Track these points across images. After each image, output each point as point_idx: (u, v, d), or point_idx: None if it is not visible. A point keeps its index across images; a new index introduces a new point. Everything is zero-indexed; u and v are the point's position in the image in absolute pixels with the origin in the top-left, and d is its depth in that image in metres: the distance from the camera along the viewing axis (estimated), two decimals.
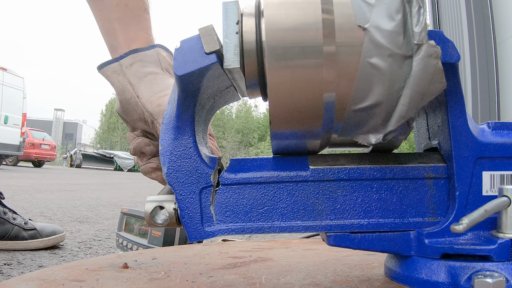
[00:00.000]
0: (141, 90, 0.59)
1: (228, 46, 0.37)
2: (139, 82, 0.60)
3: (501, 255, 0.38)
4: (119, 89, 0.60)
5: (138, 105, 0.59)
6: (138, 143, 0.60)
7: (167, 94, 0.59)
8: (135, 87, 0.59)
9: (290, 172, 0.41)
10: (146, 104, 0.58)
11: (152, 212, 0.42)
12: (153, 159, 0.61)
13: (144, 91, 0.59)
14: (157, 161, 0.59)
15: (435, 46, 0.33)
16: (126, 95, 0.60)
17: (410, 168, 0.42)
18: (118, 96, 0.63)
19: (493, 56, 3.81)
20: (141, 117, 0.59)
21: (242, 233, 0.41)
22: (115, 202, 3.89)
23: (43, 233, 1.54)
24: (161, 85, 0.60)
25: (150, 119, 0.58)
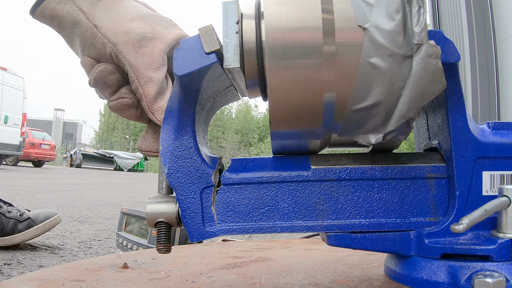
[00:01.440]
0: (98, 17, 0.47)
1: (228, 46, 0.37)
2: (93, 8, 0.47)
3: (501, 255, 0.38)
4: (71, 23, 0.47)
5: (96, 37, 0.46)
6: (100, 71, 0.47)
7: (134, 19, 0.47)
8: (90, 15, 0.47)
9: (291, 172, 0.41)
10: (108, 33, 0.46)
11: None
12: (123, 92, 0.48)
13: (102, 18, 0.47)
14: (128, 94, 0.48)
15: (435, 46, 0.33)
16: (80, 27, 0.47)
17: (411, 168, 0.42)
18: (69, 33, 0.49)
19: (493, 56, 3.81)
20: (101, 52, 0.47)
21: (243, 233, 0.41)
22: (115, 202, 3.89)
23: (38, 219, 1.54)
24: (123, 9, 0.48)
25: (114, 52, 0.46)
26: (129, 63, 0.45)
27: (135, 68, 0.45)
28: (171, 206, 0.41)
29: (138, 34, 0.45)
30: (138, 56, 0.45)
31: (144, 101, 0.45)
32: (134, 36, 0.45)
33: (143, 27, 0.46)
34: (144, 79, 0.45)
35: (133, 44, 0.45)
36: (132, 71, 0.45)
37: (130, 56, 0.45)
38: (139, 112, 0.48)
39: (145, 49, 0.45)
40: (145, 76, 0.45)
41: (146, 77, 0.45)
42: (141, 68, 0.45)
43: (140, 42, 0.45)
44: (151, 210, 0.41)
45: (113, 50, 0.46)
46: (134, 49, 0.45)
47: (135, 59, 0.45)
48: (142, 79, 0.45)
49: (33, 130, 14.97)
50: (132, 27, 0.46)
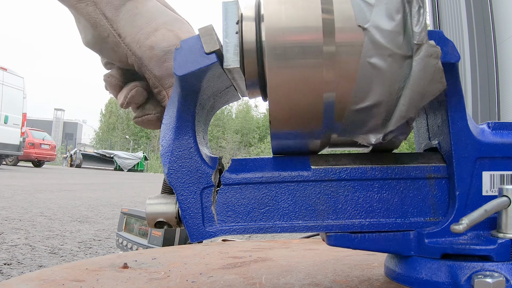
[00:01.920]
0: (122, 26, 0.45)
1: (228, 46, 0.37)
2: (117, 13, 0.45)
3: (501, 255, 0.38)
4: (90, 24, 0.46)
5: (120, 46, 0.45)
6: (132, 96, 0.48)
7: (158, 28, 0.46)
8: (113, 22, 0.45)
9: (291, 172, 0.41)
10: (132, 45, 0.45)
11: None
12: (148, 108, 0.50)
13: (126, 27, 0.45)
14: (152, 109, 0.50)
15: (435, 46, 0.33)
16: (100, 31, 0.46)
17: (411, 168, 0.42)
18: (86, 30, 0.48)
19: (493, 56, 3.81)
20: (123, 60, 0.47)
21: (243, 233, 0.41)
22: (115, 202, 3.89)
23: None
24: (146, 14, 0.47)
25: (137, 65, 0.46)
26: (154, 75, 0.47)
27: (159, 78, 0.47)
28: (171, 206, 0.41)
29: (162, 50, 0.46)
30: (162, 70, 0.46)
31: (167, 101, 0.48)
32: (159, 52, 0.46)
33: (167, 39, 0.46)
34: (168, 85, 0.47)
35: (158, 60, 0.46)
36: (156, 80, 0.47)
37: (155, 70, 0.46)
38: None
39: (169, 63, 0.46)
40: (169, 82, 0.47)
41: (169, 83, 0.47)
42: (165, 78, 0.47)
43: (165, 57, 0.46)
44: (151, 210, 0.41)
45: (136, 61, 0.47)
46: (159, 63, 0.46)
47: (159, 71, 0.47)
48: (166, 84, 0.47)
49: (33, 130, 14.98)
50: (156, 41, 0.46)
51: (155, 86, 0.48)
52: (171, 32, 0.47)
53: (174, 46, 0.45)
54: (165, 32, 0.46)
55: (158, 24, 0.47)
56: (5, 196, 3.84)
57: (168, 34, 0.47)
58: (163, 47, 0.46)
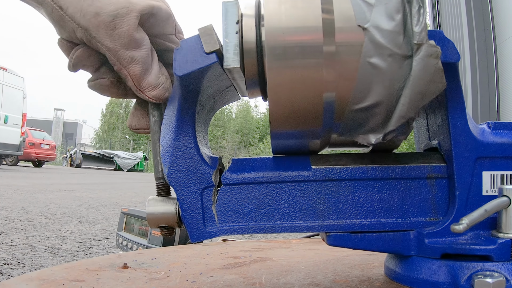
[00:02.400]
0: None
1: (228, 46, 0.37)
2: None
3: (501, 255, 0.38)
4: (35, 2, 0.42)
5: (64, 20, 0.40)
6: (77, 57, 0.43)
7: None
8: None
9: (292, 172, 0.41)
10: (75, 16, 0.40)
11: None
12: (102, 72, 0.44)
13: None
14: (107, 74, 0.44)
15: (435, 46, 0.33)
16: (45, 9, 0.41)
17: (412, 168, 0.42)
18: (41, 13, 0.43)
19: (493, 56, 3.81)
20: (72, 36, 0.42)
21: (244, 233, 0.41)
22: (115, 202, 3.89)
23: None
24: None
25: (86, 37, 0.41)
26: (106, 47, 0.40)
27: (113, 51, 0.40)
28: (171, 207, 0.41)
29: (109, 14, 0.39)
30: (114, 39, 0.40)
31: (131, 81, 0.42)
32: (105, 17, 0.39)
33: (114, 2, 0.40)
34: (126, 60, 0.41)
35: (106, 27, 0.39)
36: (111, 54, 0.41)
37: (105, 40, 0.40)
38: (121, 90, 0.45)
39: (120, 29, 0.40)
40: (126, 57, 0.41)
41: (127, 58, 0.41)
42: (120, 50, 0.40)
43: (114, 23, 0.39)
44: (152, 211, 0.41)
45: (84, 34, 0.40)
46: (108, 31, 0.40)
47: (112, 42, 0.40)
48: (124, 60, 0.41)
49: (33, 130, 14.98)
50: (101, 6, 0.39)
51: (113, 62, 0.41)
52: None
53: (123, 8, 0.40)
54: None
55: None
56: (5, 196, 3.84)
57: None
58: (110, 11, 0.39)
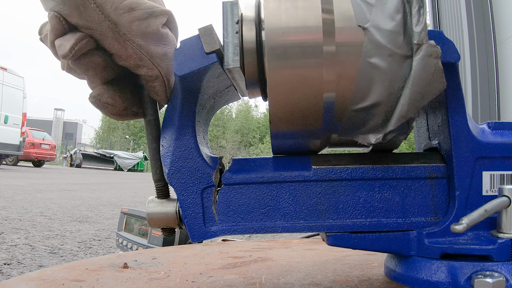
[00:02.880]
0: None
1: (228, 46, 0.37)
2: None
3: (501, 255, 0.38)
4: None
5: (88, 8, 0.34)
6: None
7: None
8: None
9: (292, 172, 0.41)
10: (105, 7, 0.34)
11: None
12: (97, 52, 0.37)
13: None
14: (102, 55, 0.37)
15: (435, 46, 0.33)
16: None
17: (412, 167, 0.42)
18: None
19: (493, 56, 3.81)
20: (92, 26, 0.35)
21: (244, 233, 0.41)
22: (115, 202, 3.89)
23: None
24: None
25: (113, 33, 0.35)
26: (138, 45, 0.36)
27: (145, 48, 0.37)
28: (171, 207, 0.41)
29: (145, 11, 0.36)
30: (147, 37, 0.37)
31: (161, 81, 0.39)
32: (141, 14, 0.36)
33: (147, 2, 0.36)
34: (159, 58, 0.38)
35: (140, 24, 0.36)
36: (142, 52, 0.37)
37: (137, 38, 0.36)
38: (133, 108, 0.41)
39: (154, 27, 0.37)
40: (159, 54, 0.38)
41: (160, 55, 0.38)
42: (153, 47, 0.37)
43: (148, 22, 0.36)
44: (152, 211, 0.41)
45: (111, 30, 0.35)
46: (142, 28, 0.36)
47: (144, 39, 0.37)
48: (157, 58, 0.38)
49: (33, 130, 14.97)
50: (136, 1, 0.35)
51: (140, 64, 0.37)
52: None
53: (157, 7, 0.37)
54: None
55: None
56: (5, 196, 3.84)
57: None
58: (146, 8, 0.36)
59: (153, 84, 0.39)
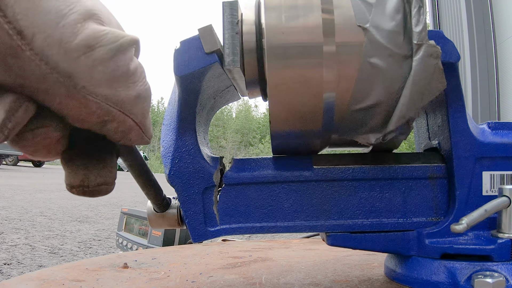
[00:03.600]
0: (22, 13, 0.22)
1: (228, 46, 0.37)
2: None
3: (501, 255, 0.38)
4: None
5: (20, 55, 0.22)
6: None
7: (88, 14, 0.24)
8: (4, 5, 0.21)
9: (294, 172, 0.41)
10: (49, 52, 0.23)
11: None
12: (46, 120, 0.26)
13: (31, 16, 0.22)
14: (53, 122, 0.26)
15: (435, 46, 0.33)
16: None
17: (413, 168, 0.42)
18: None
19: (493, 56, 3.81)
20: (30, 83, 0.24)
21: (246, 233, 0.41)
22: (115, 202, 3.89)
23: None
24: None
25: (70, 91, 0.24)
26: (103, 96, 0.25)
27: (114, 99, 0.26)
28: (172, 208, 0.41)
29: (110, 48, 0.25)
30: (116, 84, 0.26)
31: (137, 130, 0.29)
32: (104, 53, 0.24)
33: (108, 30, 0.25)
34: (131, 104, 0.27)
35: (105, 69, 0.24)
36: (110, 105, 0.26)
37: (103, 88, 0.25)
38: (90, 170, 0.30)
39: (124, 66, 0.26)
40: (131, 99, 0.27)
41: (132, 100, 0.27)
42: (123, 94, 0.26)
43: (115, 61, 0.25)
44: (152, 211, 0.41)
45: (63, 84, 0.24)
46: (108, 75, 0.25)
47: (112, 88, 0.25)
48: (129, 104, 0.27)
49: None
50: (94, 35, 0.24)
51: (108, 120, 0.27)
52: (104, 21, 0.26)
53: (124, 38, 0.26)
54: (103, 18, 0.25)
55: (85, 7, 0.24)
56: (5, 196, 3.84)
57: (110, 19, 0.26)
58: (111, 40, 0.25)
59: (128, 137, 0.29)
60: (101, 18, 0.25)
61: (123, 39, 0.26)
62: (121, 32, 0.26)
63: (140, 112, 0.28)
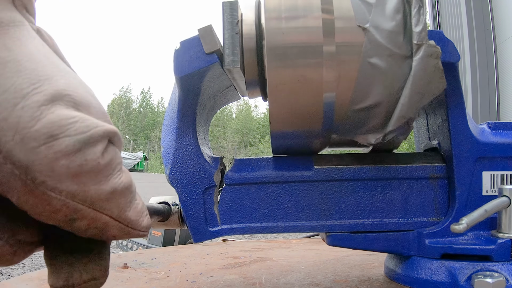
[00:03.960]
0: None
1: (228, 46, 0.37)
2: None
3: (501, 255, 0.38)
4: None
5: None
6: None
7: (57, 95, 0.21)
8: None
9: (294, 172, 0.41)
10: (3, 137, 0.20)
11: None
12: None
13: None
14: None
15: (435, 46, 0.33)
16: None
17: (414, 168, 0.42)
18: None
19: (493, 56, 3.81)
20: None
21: (246, 233, 0.41)
22: None
23: None
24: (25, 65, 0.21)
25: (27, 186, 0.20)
26: (69, 193, 0.21)
27: (83, 198, 0.22)
28: (175, 201, 0.41)
29: (77, 139, 0.21)
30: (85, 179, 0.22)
31: (117, 226, 0.25)
32: (70, 144, 0.21)
33: (79, 120, 0.22)
34: (118, 206, 0.24)
35: (70, 164, 0.21)
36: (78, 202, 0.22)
37: (67, 183, 0.21)
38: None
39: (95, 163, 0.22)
40: (104, 194, 0.23)
41: (105, 195, 0.23)
42: (100, 196, 0.23)
43: (84, 154, 0.22)
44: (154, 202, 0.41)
45: (19, 178, 0.20)
46: (73, 170, 0.21)
47: (81, 185, 0.22)
48: (115, 207, 0.24)
49: None
50: (58, 123, 0.21)
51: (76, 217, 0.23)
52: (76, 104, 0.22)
53: (96, 128, 0.22)
54: (78, 100, 0.22)
55: (54, 86, 0.21)
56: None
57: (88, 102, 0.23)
58: (80, 130, 0.21)
59: (107, 234, 0.25)
60: (76, 100, 0.22)
61: (95, 130, 0.22)
62: (95, 120, 0.22)
63: (118, 207, 0.24)
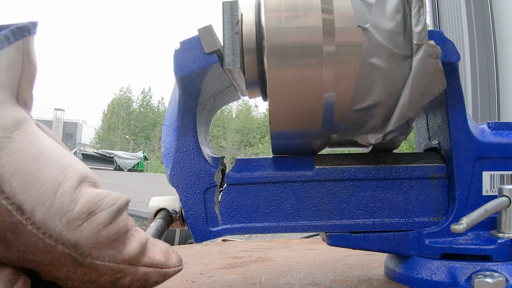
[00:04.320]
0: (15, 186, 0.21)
1: (228, 46, 0.37)
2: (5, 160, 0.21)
3: (501, 255, 0.38)
4: None
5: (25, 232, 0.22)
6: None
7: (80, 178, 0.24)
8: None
9: (295, 172, 0.41)
10: (50, 223, 0.22)
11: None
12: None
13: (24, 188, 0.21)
14: None
15: (435, 46, 0.33)
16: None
17: (415, 168, 0.42)
18: None
19: (493, 56, 3.81)
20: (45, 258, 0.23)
21: (247, 233, 0.41)
22: None
23: None
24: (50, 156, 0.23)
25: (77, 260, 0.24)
26: (111, 257, 0.25)
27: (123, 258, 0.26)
28: (175, 202, 0.41)
29: (111, 211, 0.25)
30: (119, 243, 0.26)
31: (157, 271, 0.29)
32: (106, 217, 0.24)
33: (106, 195, 0.25)
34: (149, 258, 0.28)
35: (109, 233, 0.24)
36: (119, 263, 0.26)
37: (108, 250, 0.25)
38: None
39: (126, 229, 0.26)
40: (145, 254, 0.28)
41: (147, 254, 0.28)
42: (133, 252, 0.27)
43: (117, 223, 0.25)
44: (155, 203, 0.41)
45: (69, 255, 0.23)
46: (112, 237, 0.25)
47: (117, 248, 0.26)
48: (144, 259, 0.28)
49: None
50: (93, 201, 0.24)
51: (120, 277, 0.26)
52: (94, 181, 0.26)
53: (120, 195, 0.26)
54: (93, 179, 0.26)
55: (77, 170, 0.24)
56: None
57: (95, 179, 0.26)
58: (110, 203, 0.25)
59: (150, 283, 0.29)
60: (92, 179, 0.25)
61: (120, 201, 0.26)
62: (115, 193, 0.26)
63: (148, 256, 0.28)
